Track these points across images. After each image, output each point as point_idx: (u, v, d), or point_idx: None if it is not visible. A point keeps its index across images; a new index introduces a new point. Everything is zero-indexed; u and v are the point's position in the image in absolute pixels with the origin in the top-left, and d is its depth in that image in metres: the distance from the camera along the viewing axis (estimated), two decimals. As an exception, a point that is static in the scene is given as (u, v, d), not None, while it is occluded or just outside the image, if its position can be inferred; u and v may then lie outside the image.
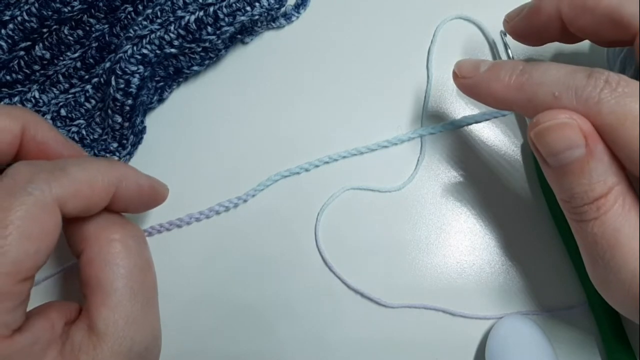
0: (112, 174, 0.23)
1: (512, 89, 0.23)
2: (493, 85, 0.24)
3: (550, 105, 0.22)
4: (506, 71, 0.24)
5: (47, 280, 0.28)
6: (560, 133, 0.22)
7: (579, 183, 0.22)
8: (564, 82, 0.22)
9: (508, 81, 0.23)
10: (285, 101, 0.31)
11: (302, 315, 0.29)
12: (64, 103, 0.29)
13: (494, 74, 0.24)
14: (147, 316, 0.23)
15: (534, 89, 0.22)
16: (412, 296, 0.29)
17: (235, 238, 0.29)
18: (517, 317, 0.29)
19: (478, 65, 0.25)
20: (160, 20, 0.27)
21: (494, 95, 0.24)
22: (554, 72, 0.22)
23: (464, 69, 0.25)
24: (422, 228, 0.30)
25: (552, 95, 0.22)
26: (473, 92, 0.25)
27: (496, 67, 0.24)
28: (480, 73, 0.25)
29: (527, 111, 0.23)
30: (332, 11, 0.32)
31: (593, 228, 0.22)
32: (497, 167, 0.31)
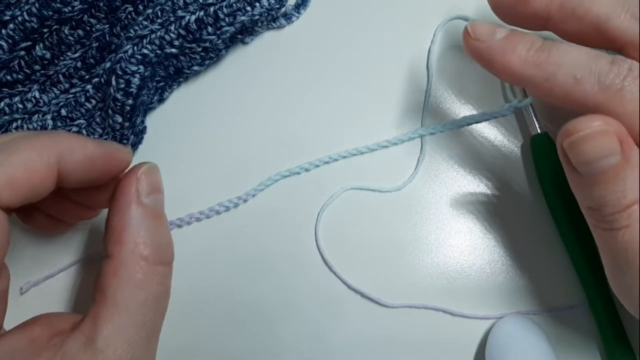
0: (50, 150, 0.21)
1: (529, 65, 0.22)
2: (508, 56, 0.23)
3: (570, 88, 0.21)
4: (524, 44, 0.23)
5: (46, 280, 0.28)
6: (596, 141, 0.21)
7: (613, 191, 0.21)
8: (586, 66, 0.21)
9: (526, 55, 0.22)
10: (286, 101, 0.31)
11: (302, 315, 0.29)
12: (65, 103, 0.29)
13: (511, 43, 0.23)
14: (148, 346, 0.22)
15: (553, 68, 0.22)
16: (412, 296, 0.29)
17: (236, 238, 0.29)
18: (517, 317, 0.29)
19: (494, 30, 0.24)
20: (160, 20, 0.27)
21: (508, 67, 0.23)
22: (575, 54, 0.22)
23: (479, 31, 0.24)
24: (422, 228, 0.30)
25: (574, 77, 0.21)
26: (484, 59, 0.24)
27: (514, 37, 0.23)
28: (496, 39, 0.23)
29: (541, 90, 0.22)
30: (332, 11, 0.32)
31: (624, 236, 0.21)
32: (497, 167, 0.31)
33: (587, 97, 0.21)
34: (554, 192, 0.29)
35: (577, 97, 0.21)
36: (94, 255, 0.29)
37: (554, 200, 0.29)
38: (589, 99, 0.21)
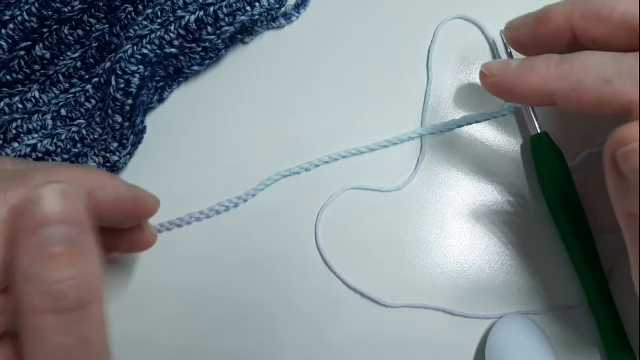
0: (83, 182, 0.20)
1: (552, 79, 0.22)
2: (529, 78, 0.23)
3: (600, 90, 0.21)
4: (542, 63, 0.22)
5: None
6: None
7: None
8: (613, 66, 0.21)
9: (547, 71, 0.22)
10: (286, 101, 0.31)
11: (302, 315, 0.29)
12: (65, 103, 0.29)
13: (529, 67, 0.23)
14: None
15: (579, 75, 0.21)
16: (412, 296, 0.29)
17: (236, 238, 0.29)
18: (517, 317, 0.29)
19: (508, 63, 0.24)
20: (160, 20, 0.27)
21: (532, 88, 0.23)
22: (598, 58, 0.21)
23: (494, 68, 0.24)
24: (422, 228, 0.30)
25: (602, 80, 0.21)
26: (506, 90, 0.24)
27: (530, 61, 0.23)
28: (513, 69, 0.23)
29: (570, 101, 0.22)
30: (332, 11, 0.32)
31: None
32: (497, 167, 0.31)
33: (620, 96, 0.21)
34: (553, 192, 0.29)
35: (609, 98, 0.21)
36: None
37: (554, 200, 0.29)
38: (622, 98, 0.21)
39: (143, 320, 0.28)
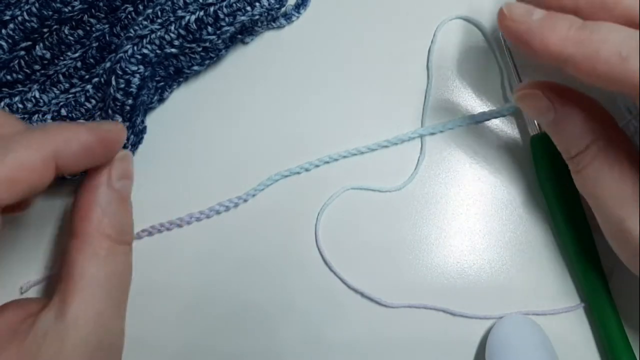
0: (46, 146, 0.21)
1: (570, 42, 0.22)
2: (548, 34, 0.22)
3: (615, 65, 0.21)
4: (564, 22, 0.22)
5: (45, 281, 0.28)
6: (530, 103, 0.25)
7: (559, 141, 0.25)
8: (631, 43, 0.21)
9: (566, 33, 0.22)
10: (286, 101, 0.31)
11: (302, 315, 0.29)
12: (65, 103, 0.29)
13: (550, 23, 0.22)
14: (116, 317, 0.23)
15: (597, 45, 0.21)
16: (412, 296, 0.29)
17: (236, 238, 0.29)
18: (517, 317, 0.29)
19: (531, 11, 0.23)
20: (160, 20, 0.27)
21: (548, 46, 0.22)
22: (620, 31, 0.21)
23: (515, 11, 0.23)
24: (422, 228, 0.30)
25: (618, 54, 0.21)
26: (521, 40, 0.23)
27: (553, 16, 0.23)
28: (533, 20, 0.23)
29: (584, 69, 0.22)
30: (332, 11, 0.32)
31: (579, 179, 0.25)
32: (497, 167, 0.31)
33: (632, 75, 0.21)
34: (553, 192, 0.29)
35: (621, 75, 0.21)
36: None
37: (554, 200, 0.29)
38: (634, 77, 0.21)
39: (143, 320, 0.28)
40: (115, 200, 0.24)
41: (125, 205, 0.25)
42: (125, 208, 0.25)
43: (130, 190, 0.25)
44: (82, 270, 0.22)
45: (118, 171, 0.24)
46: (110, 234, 0.23)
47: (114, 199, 0.24)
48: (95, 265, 0.23)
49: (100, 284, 0.23)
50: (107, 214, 0.23)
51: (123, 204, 0.24)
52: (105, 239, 0.23)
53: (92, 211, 0.23)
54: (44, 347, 0.21)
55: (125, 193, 0.25)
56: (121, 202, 0.24)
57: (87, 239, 0.23)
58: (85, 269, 0.22)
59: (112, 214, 0.23)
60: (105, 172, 0.24)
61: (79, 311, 0.22)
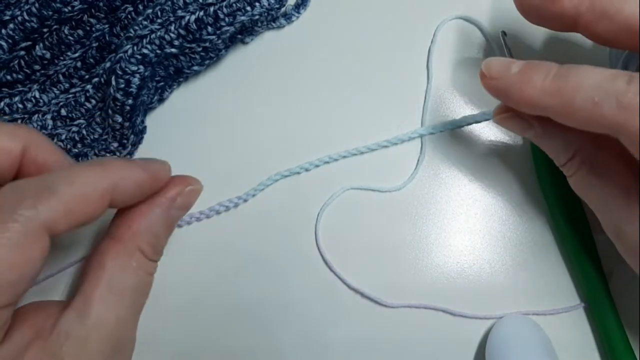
0: (104, 182, 0.22)
1: (546, 94, 0.22)
2: (525, 89, 0.23)
3: (590, 111, 0.21)
4: (540, 74, 0.23)
5: (46, 280, 0.28)
6: (509, 124, 0.26)
7: (547, 152, 0.26)
8: (603, 88, 0.21)
9: (542, 85, 0.23)
10: (285, 101, 0.31)
11: (302, 315, 0.29)
12: (65, 103, 0.29)
13: (526, 77, 0.23)
14: (133, 324, 0.24)
15: (571, 94, 0.22)
16: (412, 296, 0.29)
17: (236, 238, 0.29)
18: (517, 317, 0.29)
19: (508, 66, 0.24)
20: (160, 20, 0.27)
21: (526, 100, 0.23)
22: (592, 77, 0.22)
23: (494, 70, 0.24)
24: (422, 228, 0.30)
25: (592, 101, 0.21)
26: (502, 95, 0.24)
27: (529, 69, 0.23)
28: (511, 74, 0.24)
29: (562, 116, 0.23)
30: (332, 11, 0.32)
31: (572, 184, 0.26)
32: (497, 167, 0.31)
33: (607, 118, 0.21)
34: (553, 192, 0.29)
35: (597, 120, 0.21)
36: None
37: (554, 200, 0.29)
38: (608, 120, 0.21)
39: (143, 320, 0.28)
40: (164, 224, 0.24)
41: (169, 230, 0.25)
42: (168, 233, 0.25)
43: (180, 219, 0.26)
44: (112, 276, 0.23)
45: (182, 201, 0.25)
46: (146, 250, 0.24)
47: (165, 223, 0.24)
48: (125, 274, 0.23)
49: (125, 292, 0.23)
50: (153, 233, 0.24)
51: (168, 229, 0.25)
52: (140, 252, 0.24)
53: (140, 225, 0.24)
54: (66, 347, 0.21)
55: (175, 221, 0.25)
56: (168, 227, 0.25)
57: (125, 247, 0.23)
58: (115, 275, 0.23)
59: (156, 235, 0.24)
60: (170, 197, 0.24)
61: (102, 315, 0.22)
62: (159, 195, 0.24)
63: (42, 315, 0.22)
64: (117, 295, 0.23)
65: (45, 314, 0.22)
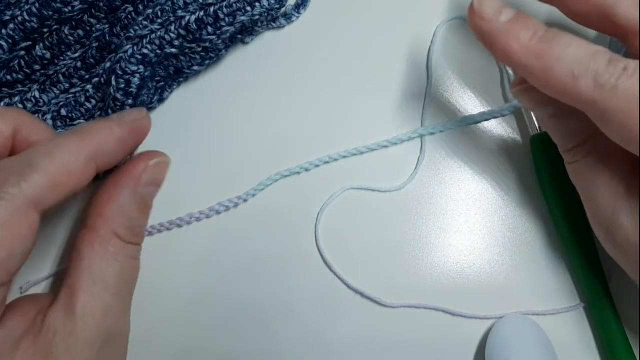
0: (85, 150, 0.22)
1: (529, 53, 0.22)
2: (510, 42, 0.23)
3: (567, 83, 0.21)
4: (528, 31, 0.22)
5: (46, 279, 0.28)
6: (529, 95, 0.25)
7: (557, 134, 0.25)
8: (585, 63, 0.21)
9: (528, 43, 0.22)
10: (286, 101, 0.31)
11: (302, 315, 0.29)
12: (65, 103, 0.29)
13: (515, 28, 0.23)
14: (123, 312, 0.24)
15: (553, 62, 0.22)
16: (412, 296, 0.29)
17: (236, 238, 0.29)
18: (517, 317, 0.29)
19: (500, 10, 0.23)
20: (160, 20, 0.27)
21: (508, 52, 0.23)
22: (575, 50, 0.22)
23: (485, 10, 0.23)
24: (422, 228, 0.30)
25: (572, 74, 0.21)
26: (486, 40, 0.24)
27: (519, 21, 0.23)
28: (500, 22, 0.23)
29: (538, 81, 0.22)
30: (332, 11, 0.32)
31: (573, 171, 0.26)
32: (497, 167, 0.31)
33: (582, 94, 0.21)
34: (553, 192, 0.29)
35: (572, 93, 0.22)
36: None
37: (554, 200, 0.29)
38: (583, 96, 0.21)
39: (143, 319, 0.28)
40: (136, 205, 0.24)
41: (145, 210, 0.25)
42: (144, 213, 0.25)
43: (154, 196, 0.25)
44: (91, 265, 0.23)
45: (149, 177, 0.24)
46: (122, 234, 0.23)
47: (135, 203, 0.24)
48: (105, 262, 0.23)
49: (108, 280, 0.23)
50: (125, 215, 0.24)
51: (143, 210, 0.25)
52: (116, 237, 0.23)
53: (110, 210, 0.23)
54: (55, 343, 0.21)
55: (149, 199, 0.25)
56: (142, 207, 0.24)
57: (99, 235, 0.23)
58: (95, 264, 0.23)
59: (129, 217, 0.24)
60: (134, 176, 0.24)
61: (87, 306, 0.22)
62: (124, 175, 0.24)
63: (34, 309, 0.22)
64: (101, 284, 0.23)
65: (37, 308, 0.23)
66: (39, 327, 0.22)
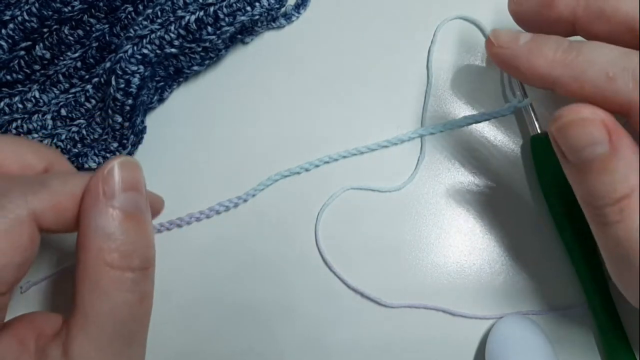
0: None
1: (557, 65, 0.22)
2: (535, 59, 0.22)
3: (602, 85, 0.21)
4: (550, 46, 0.22)
5: (46, 279, 0.28)
6: (582, 129, 0.21)
7: (602, 182, 0.21)
8: (618, 63, 0.21)
9: (553, 56, 0.22)
10: (285, 101, 0.31)
11: (302, 315, 0.29)
12: (64, 103, 0.29)
13: (537, 47, 0.22)
14: (127, 354, 0.21)
15: (584, 66, 0.21)
16: (412, 296, 0.29)
17: (236, 238, 0.29)
18: (517, 317, 0.29)
19: (517, 36, 0.23)
20: (160, 20, 0.27)
21: (535, 69, 0.22)
22: (606, 51, 0.21)
23: (502, 38, 0.23)
24: (422, 228, 0.30)
25: (606, 74, 0.21)
26: (510, 65, 0.23)
27: (539, 40, 0.23)
28: (520, 44, 0.23)
29: (570, 89, 0.22)
30: (332, 11, 0.32)
31: (617, 231, 0.21)
32: (497, 167, 0.31)
33: (621, 94, 0.20)
34: (553, 192, 0.29)
35: (609, 95, 0.21)
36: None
37: (554, 200, 0.29)
38: (622, 97, 0.20)
39: (143, 320, 0.28)
40: (115, 219, 0.20)
41: (130, 223, 0.21)
42: (131, 226, 0.21)
43: (140, 203, 0.21)
44: (83, 302, 0.20)
45: (115, 184, 0.21)
46: (111, 260, 0.20)
47: (112, 217, 0.20)
48: (96, 298, 0.20)
49: (103, 320, 0.20)
50: (106, 236, 0.20)
51: (127, 223, 0.20)
52: (106, 267, 0.20)
53: (89, 237, 0.20)
54: None
55: (131, 208, 0.21)
56: (124, 220, 0.20)
57: (87, 269, 0.20)
58: (87, 302, 0.20)
59: (111, 237, 0.20)
60: (97, 190, 0.20)
61: (82, 349, 0.20)
62: (88, 195, 0.21)
63: (32, 335, 0.21)
64: (95, 324, 0.20)
65: (35, 333, 0.21)
66: (38, 355, 0.20)
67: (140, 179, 0.22)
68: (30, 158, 0.23)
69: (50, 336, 0.21)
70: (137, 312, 0.21)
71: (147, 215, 0.21)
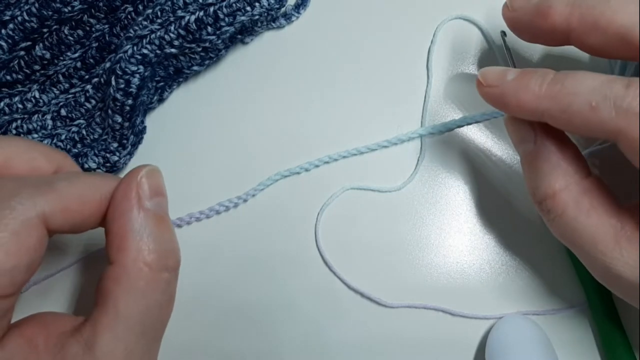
0: (104, 188, 0.22)
1: (543, 99, 0.22)
2: (522, 95, 0.23)
3: (587, 116, 0.21)
4: (536, 79, 0.23)
5: (46, 279, 0.28)
6: (513, 127, 0.24)
7: (529, 178, 0.24)
8: (600, 92, 0.21)
9: (539, 91, 0.22)
10: (285, 101, 0.31)
11: (302, 315, 0.29)
12: (64, 103, 0.29)
13: (523, 82, 0.23)
14: (147, 353, 0.22)
15: (569, 99, 0.21)
16: (412, 296, 0.29)
17: (236, 238, 0.29)
18: (517, 317, 0.29)
19: (504, 74, 0.24)
20: (160, 20, 0.27)
21: (523, 105, 0.23)
22: (589, 82, 0.21)
23: (489, 78, 0.24)
24: (422, 228, 0.30)
25: (589, 105, 0.21)
26: (499, 102, 0.24)
27: (525, 75, 0.23)
28: (507, 82, 0.23)
29: (560, 122, 0.22)
30: (332, 11, 0.32)
31: (551, 227, 0.24)
32: (497, 167, 0.31)
33: (605, 123, 0.21)
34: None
35: (595, 124, 0.21)
36: (93, 255, 0.29)
37: (554, 200, 0.29)
38: (607, 125, 0.21)
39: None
40: (150, 222, 0.22)
41: (163, 225, 0.22)
42: (164, 228, 0.22)
43: (166, 207, 0.23)
44: (117, 303, 0.21)
45: (147, 189, 0.22)
46: (150, 262, 0.21)
47: (148, 221, 0.22)
48: (132, 299, 0.21)
49: (135, 320, 0.21)
50: (145, 239, 0.21)
51: (161, 225, 0.22)
52: (144, 267, 0.21)
53: (128, 239, 0.21)
54: None
55: (161, 212, 0.23)
56: (158, 223, 0.22)
57: (124, 269, 0.21)
58: (121, 302, 0.21)
59: (149, 239, 0.22)
60: (133, 194, 0.22)
61: (108, 347, 0.20)
62: (122, 200, 0.22)
63: (42, 335, 0.21)
64: (125, 323, 0.21)
65: (44, 333, 0.21)
66: (51, 355, 0.20)
67: (163, 183, 0.24)
68: (40, 161, 0.23)
69: (67, 333, 0.21)
70: (164, 313, 0.23)
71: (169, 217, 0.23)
